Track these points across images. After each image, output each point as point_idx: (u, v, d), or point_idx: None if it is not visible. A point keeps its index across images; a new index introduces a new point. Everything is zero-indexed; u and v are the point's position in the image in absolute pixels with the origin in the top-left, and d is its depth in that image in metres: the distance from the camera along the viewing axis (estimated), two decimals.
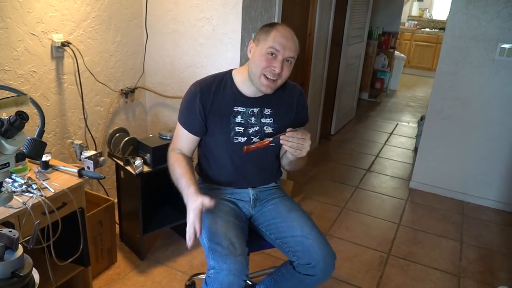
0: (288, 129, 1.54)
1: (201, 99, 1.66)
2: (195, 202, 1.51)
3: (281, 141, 1.55)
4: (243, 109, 1.69)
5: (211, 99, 1.67)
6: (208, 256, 1.54)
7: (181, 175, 1.63)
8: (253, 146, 1.61)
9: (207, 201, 1.50)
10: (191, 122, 1.69)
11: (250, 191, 1.81)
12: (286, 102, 1.76)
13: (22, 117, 1.02)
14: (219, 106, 1.67)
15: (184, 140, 1.74)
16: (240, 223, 1.68)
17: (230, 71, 1.74)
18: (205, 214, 1.68)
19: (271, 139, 1.60)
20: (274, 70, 1.56)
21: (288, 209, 1.76)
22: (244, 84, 1.68)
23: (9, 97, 1.03)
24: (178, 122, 1.74)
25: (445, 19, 8.89)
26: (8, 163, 1.07)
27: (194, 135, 1.72)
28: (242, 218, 1.74)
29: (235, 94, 1.69)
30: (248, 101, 1.70)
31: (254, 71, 1.60)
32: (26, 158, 1.46)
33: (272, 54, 1.56)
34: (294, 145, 1.53)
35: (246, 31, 2.51)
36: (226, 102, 1.68)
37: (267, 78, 1.58)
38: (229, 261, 1.47)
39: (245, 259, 1.52)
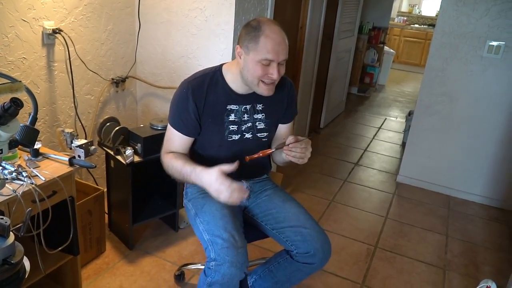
0: (290, 138, 1.53)
1: (194, 99, 1.61)
2: (210, 173, 1.47)
3: (284, 151, 1.56)
4: (236, 107, 1.68)
5: (204, 98, 1.63)
6: (208, 249, 1.54)
7: (183, 165, 1.60)
8: (255, 155, 1.60)
9: (225, 167, 1.46)
10: (184, 124, 1.65)
11: (244, 184, 1.81)
12: (277, 96, 1.74)
13: (16, 104, 1.01)
14: (213, 105, 1.65)
15: (177, 142, 1.68)
16: (236, 215, 1.69)
17: (220, 68, 1.69)
18: (201, 207, 1.69)
19: (273, 149, 1.60)
20: (272, 76, 1.53)
21: (283, 200, 1.79)
22: (235, 83, 1.65)
23: (3, 83, 1.02)
24: (169, 125, 1.69)
25: (434, 15, 8.96)
26: (1, 150, 1.07)
27: (189, 136, 1.67)
28: (237, 210, 1.75)
29: (227, 93, 1.66)
30: (240, 99, 1.69)
31: (250, 79, 1.57)
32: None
33: (266, 63, 1.52)
34: (297, 155, 1.55)
35: (239, 22, 2.51)
36: (219, 101, 1.66)
37: (265, 83, 1.56)
38: (231, 253, 1.48)
39: (245, 251, 1.54)
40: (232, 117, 1.68)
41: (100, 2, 2.46)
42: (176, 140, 1.68)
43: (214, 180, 1.46)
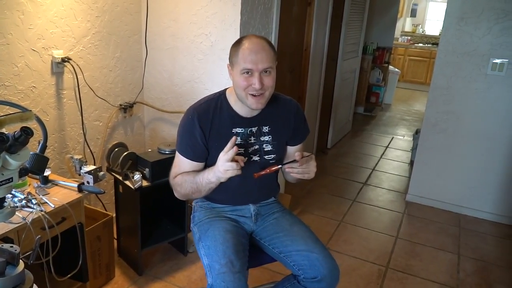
0: (296, 154, 1.53)
1: (200, 125, 1.63)
2: (221, 163, 1.52)
3: (286, 169, 1.56)
4: (241, 130, 1.69)
5: (210, 123, 1.65)
6: (207, 274, 1.54)
7: (195, 174, 1.63)
8: (262, 172, 1.59)
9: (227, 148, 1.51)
10: (192, 149, 1.66)
11: (251, 207, 1.80)
12: (282, 118, 1.75)
13: (27, 133, 1.03)
14: (218, 129, 1.66)
15: (186, 169, 1.69)
16: (240, 239, 1.66)
17: (224, 92, 1.72)
18: (205, 232, 1.69)
19: (280, 166, 1.59)
20: (254, 86, 1.55)
21: (290, 223, 1.76)
22: (238, 105, 1.67)
23: (14, 113, 1.04)
24: (177, 153, 1.70)
25: (438, 34, 9.01)
26: (12, 178, 1.08)
27: (197, 161, 1.68)
28: (242, 235, 1.72)
29: (232, 116, 1.68)
30: (245, 122, 1.69)
31: (239, 93, 1.60)
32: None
33: (247, 73, 1.55)
34: (300, 171, 1.55)
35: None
36: (225, 125, 1.67)
37: (253, 95, 1.57)
38: (227, 278, 1.47)
39: (243, 276, 1.51)
40: (238, 140, 1.68)
41: (108, 31, 2.52)
42: (185, 167, 1.68)
43: (220, 162, 1.51)
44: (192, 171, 1.67)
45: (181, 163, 1.69)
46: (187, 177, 1.65)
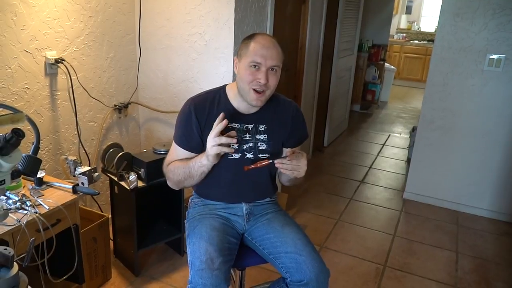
0: (286, 151, 1.52)
1: (196, 115, 1.64)
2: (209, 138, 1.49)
3: (276, 165, 1.55)
4: (237, 126, 1.68)
5: (207, 114, 1.65)
6: (189, 270, 1.55)
7: (187, 162, 1.62)
8: (252, 166, 1.59)
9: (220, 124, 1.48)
10: (187, 139, 1.66)
11: (244, 206, 1.79)
12: (280, 119, 1.75)
13: (18, 134, 1.02)
14: (214, 122, 1.63)
15: (181, 157, 1.69)
16: (227, 238, 1.66)
17: (224, 87, 1.73)
18: (193, 229, 1.69)
19: (271, 160, 1.58)
20: (259, 81, 1.55)
21: (282, 224, 1.74)
22: (237, 101, 1.68)
23: (5, 114, 1.03)
24: (173, 142, 1.71)
25: (433, 31, 9.01)
26: (4, 180, 1.07)
27: (192, 152, 1.67)
28: (231, 233, 1.71)
29: (229, 111, 1.67)
30: (242, 118, 1.69)
31: (242, 86, 1.60)
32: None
33: (255, 66, 1.55)
34: (290, 167, 1.54)
35: (239, 45, 2.52)
36: None
37: (256, 91, 1.57)
38: (205, 275, 1.46)
39: (222, 273, 1.49)
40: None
41: (101, 31, 2.50)
42: (179, 157, 1.69)
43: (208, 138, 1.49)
44: (186, 158, 1.67)
45: (176, 152, 1.70)
46: (180, 163, 1.64)
